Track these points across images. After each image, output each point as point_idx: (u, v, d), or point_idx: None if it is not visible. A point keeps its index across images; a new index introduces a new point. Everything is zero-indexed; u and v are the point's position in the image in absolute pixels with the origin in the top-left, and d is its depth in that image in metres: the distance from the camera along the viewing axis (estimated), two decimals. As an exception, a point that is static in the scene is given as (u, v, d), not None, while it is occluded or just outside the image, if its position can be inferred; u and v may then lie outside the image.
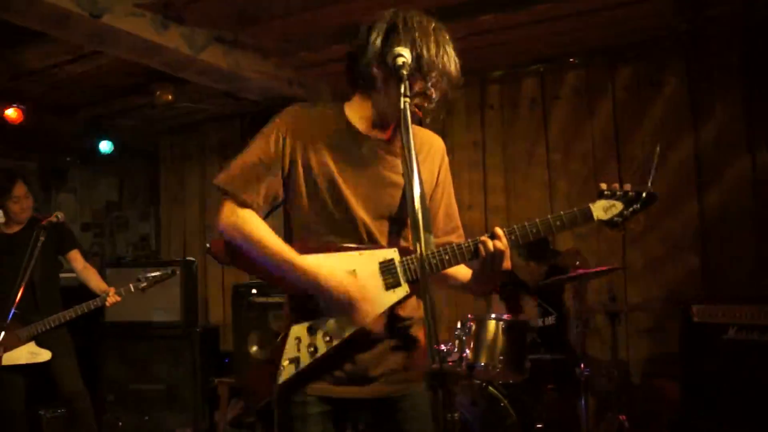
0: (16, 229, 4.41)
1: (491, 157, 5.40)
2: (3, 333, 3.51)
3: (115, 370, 5.47)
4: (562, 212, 1.91)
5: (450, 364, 3.91)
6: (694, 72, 4.65)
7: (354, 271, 1.90)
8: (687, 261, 4.62)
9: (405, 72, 1.76)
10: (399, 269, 1.91)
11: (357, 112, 2.06)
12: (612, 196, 1.94)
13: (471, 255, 1.94)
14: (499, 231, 1.93)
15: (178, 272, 4.41)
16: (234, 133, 6.67)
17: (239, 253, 1.96)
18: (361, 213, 1.96)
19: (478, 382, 3.95)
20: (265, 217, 1.98)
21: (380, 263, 1.92)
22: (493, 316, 3.89)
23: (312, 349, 1.91)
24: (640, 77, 4.84)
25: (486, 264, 1.93)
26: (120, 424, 5.35)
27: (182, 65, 4.70)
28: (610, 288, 4.59)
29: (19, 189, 4.34)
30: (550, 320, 4.27)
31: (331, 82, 5.62)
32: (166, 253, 7.09)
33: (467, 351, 3.81)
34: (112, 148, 6.91)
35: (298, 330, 1.93)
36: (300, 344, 1.92)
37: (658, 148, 2.03)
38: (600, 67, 4.98)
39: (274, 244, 1.90)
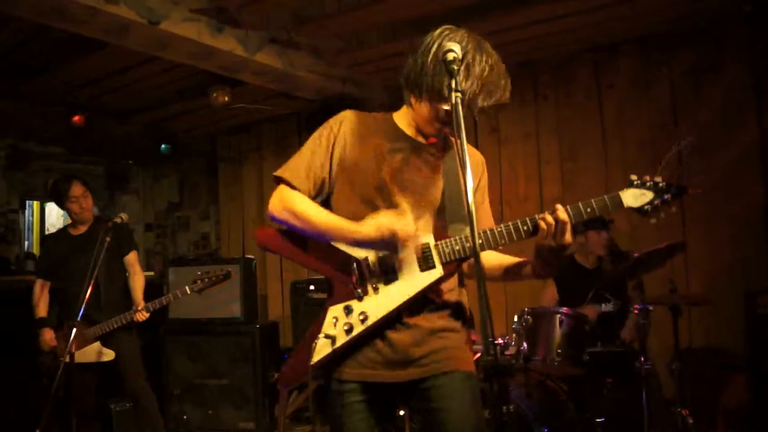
0: (81, 230, 4.53)
1: (546, 147, 5.34)
2: (75, 330, 3.62)
3: (180, 366, 5.61)
4: (592, 199, 1.96)
5: (507, 357, 3.90)
6: (758, 54, 4.50)
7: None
8: (752, 249, 4.48)
9: (455, 67, 1.78)
10: (434, 252, 1.99)
11: (404, 119, 2.23)
12: (642, 185, 2.00)
13: (529, 232, 2.02)
14: (559, 206, 1.99)
15: (232, 274, 4.43)
16: (290, 132, 6.76)
17: (289, 234, 2.11)
18: (403, 207, 2.03)
19: (536, 375, 3.93)
20: None
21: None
22: (550, 309, 3.86)
23: (347, 327, 1.98)
24: (699, 62, 4.72)
25: (548, 240, 1.99)
26: (185, 417, 5.49)
27: (238, 67, 4.79)
28: (671, 278, 4.49)
29: (76, 189, 4.44)
30: (609, 307, 4.18)
31: (384, 79, 5.65)
32: (226, 252, 7.24)
33: (524, 344, 3.79)
34: (171, 150, 7.10)
35: (335, 310, 2.02)
36: (336, 323, 2.00)
37: (680, 144, 2.21)
38: (656, 53, 4.88)
39: (322, 213, 2.05)
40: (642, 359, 3.74)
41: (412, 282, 1.98)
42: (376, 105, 6.00)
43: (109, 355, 4.29)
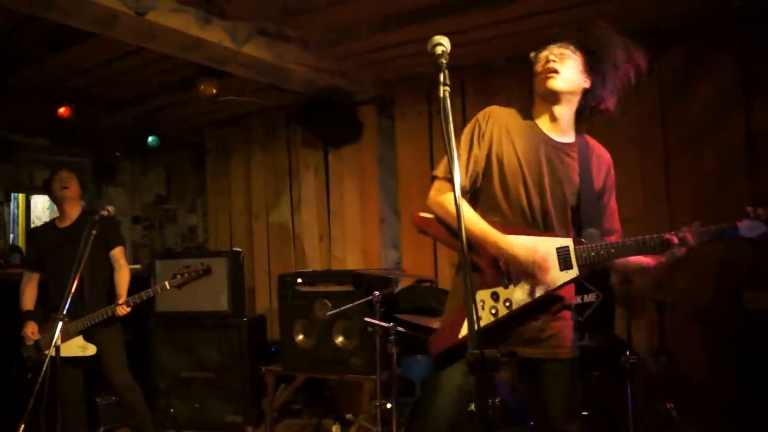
0: (68, 222, 4.52)
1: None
2: (60, 324, 3.60)
3: (167, 359, 5.59)
4: (712, 226, 2.29)
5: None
6: (749, 51, 4.52)
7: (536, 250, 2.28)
8: (737, 245, 4.50)
9: (444, 60, 1.78)
10: (573, 255, 2.31)
11: (542, 116, 2.52)
12: (757, 218, 2.24)
13: (656, 248, 2.36)
14: (687, 233, 2.33)
15: (216, 267, 4.47)
16: (278, 125, 6.74)
17: (442, 224, 2.42)
18: (542, 203, 2.37)
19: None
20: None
21: (557, 248, 2.32)
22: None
23: (494, 311, 2.31)
24: (690, 58, 4.74)
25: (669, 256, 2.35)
26: (172, 411, 5.47)
27: (225, 59, 4.77)
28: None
29: (63, 173, 4.49)
30: (590, 297, 4.19)
31: (374, 72, 5.64)
32: (213, 244, 7.22)
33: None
34: (159, 143, 7.07)
35: (483, 294, 2.34)
36: (483, 306, 2.33)
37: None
38: (645, 49, 4.87)
39: (473, 218, 2.32)
40: (627, 353, 3.76)
41: (554, 277, 2.30)
42: (365, 97, 6.00)
43: (91, 349, 4.28)
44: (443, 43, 1.87)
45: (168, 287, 4.24)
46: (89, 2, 3.71)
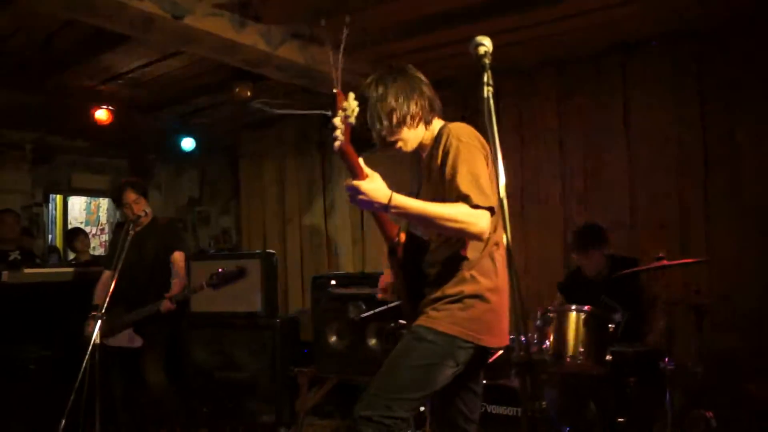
0: (138, 228, 4.64)
1: (569, 145, 5.29)
2: (99, 322, 3.70)
3: (201, 359, 5.64)
4: None
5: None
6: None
7: None
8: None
9: (487, 61, 1.80)
10: None
11: None
12: None
13: None
14: None
15: (250, 270, 4.60)
16: (311, 128, 6.77)
17: None
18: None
19: (558, 373, 3.91)
20: None
21: None
22: (573, 307, 3.83)
23: None
24: (728, 58, 4.65)
25: None
26: (205, 410, 5.52)
27: (260, 62, 4.80)
28: (695, 280, 4.44)
29: (128, 196, 4.62)
30: (617, 318, 4.12)
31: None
32: (247, 247, 7.27)
33: (547, 342, 3.77)
34: (193, 146, 7.15)
35: None
36: None
37: None
38: (685, 49, 4.80)
39: None
40: (666, 360, 3.70)
41: None
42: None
43: (138, 341, 4.46)
44: (485, 44, 1.86)
45: (204, 287, 4.41)
46: (128, 6, 3.77)
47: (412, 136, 2.49)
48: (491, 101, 1.75)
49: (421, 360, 2.28)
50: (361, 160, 2.19)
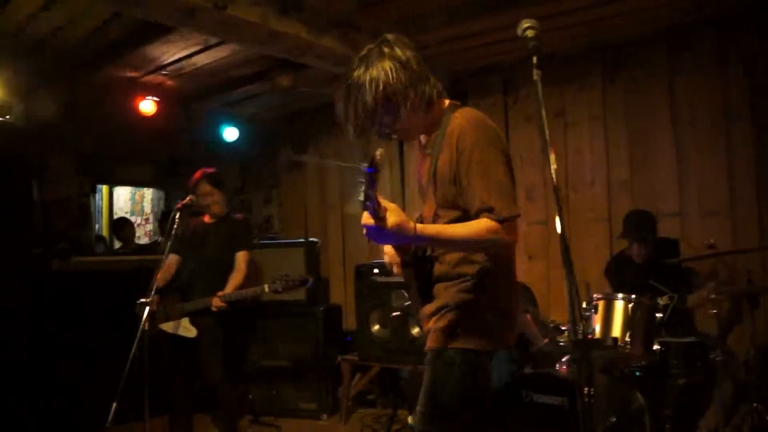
0: (212, 220, 4.74)
1: (614, 131, 5.20)
2: (147, 307, 3.76)
3: (245, 346, 5.71)
4: None
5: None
6: None
7: None
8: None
9: (537, 44, 1.77)
10: None
11: None
12: None
13: None
14: None
15: (311, 283, 4.54)
16: (351, 116, 6.76)
17: None
18: None
19: (604, 362, 3.86)
20: None
21: None
22: (620, 295, 3.77)
23: None
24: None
25: None
26: (250, 397, 5.60)
27: (302, 51, 4.80)
28: (747, 269, 4.33)
29: (203, 188, 4.64)
30: (664, 300, 4.05)
31: (446, 63, 5.58)
32: (289, 234, 7.31)
33: (594, 330, 3.72)
34: (234, 135, 7.21)
35: None
36: None
37: None
38: (732, 33, 4.67)
39: None
40: (717, 351, 3.62)
41: None
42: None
43: (192, 332, 4.45)
44: (534, 26, 1.81)
45: (267, 291, 4.37)
46: (172, -3, 3.81)
47: (413, 124, 2.27)
48: (540, 85, 1.70)
49: (457, 386, 2.22)
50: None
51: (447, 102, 2.33)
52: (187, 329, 4.43)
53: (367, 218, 1.90)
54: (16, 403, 4.37)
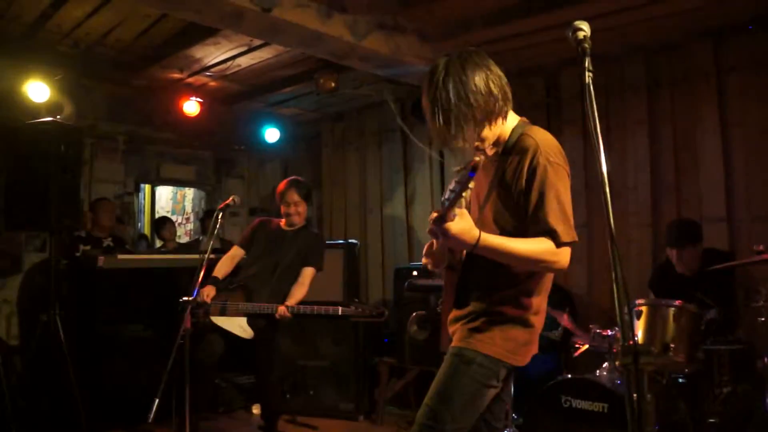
0: (290, 229, 4.69)
1: (659, 134, 5.11)
2: (190, 306, 3.79)
3: (285, 346, 5.74)
4: None
5: (615, 351, 3.80)
6: None
7: None
8: None
9: (587, 45, 1.74)
10: None
11: None
12: None
13: None
14: None
15: (385, 315, 4.48)
16: (393, 118, 6.78)
17: None
18: None
19: (647, 369, 3.80)
20: None
21: None
22: (664, 301, 3.72)
23: None
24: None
25: None
26: (288, 396, 5.64)
27: (345, 53, 4.84)
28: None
29: (292, 196, 4.61)
30: (711, 314, 3.96)
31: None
32: (328, 236, 7.35)
33: (636, 336, 3.67)
34: (277, 136, 7.28)
35: None
36: None
37: None
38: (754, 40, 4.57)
39: None
40: (765, 359, 3.54)
41: None
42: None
43: (248, 333, 4.39)
44: (584, 28, 1.79)
45: (340, 313, 4.37)
46: (219, 0, 3.86)
47: (494, 133, 2.23)
48: (591, 87, 1.68)
49: (471, 386, 2.23)
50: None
51: (517, 118, 2.34)
52: (243, 330, 4.38)
53: (436, 217, 1.95)
54: (61, 398, 4.45)
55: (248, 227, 4.93)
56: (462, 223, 1.96)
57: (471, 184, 1.83)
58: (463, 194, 1.84)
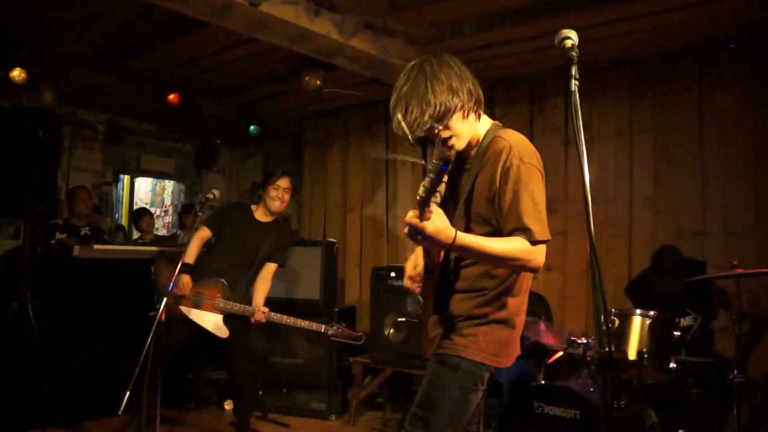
0: (263, 219, 4.63)
1: (639, 146, 5.17)
2: (165, 299, 3.75)
3: (259, 343, 5.72)
4: None
5: (588, 358, 3.83)
6: None
7: None
8: None
9: (574, 54, 1.75)
10: None
11: None
12: None
13: None
14: None
15: (362, 340, 4.51)
16: (377, 119, 6.78)
17: None
18: None
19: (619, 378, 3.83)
20: None
21: None
22: (638, 311, 3.75)
23: None
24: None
25: None
26: (260, 393, 5.61)
27: (332, 51, 4.83)
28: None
29: (284, 182, 4.56)
30: (688, 321, 4.03)
31: (477, 70, 5.56)
32: (307, 234, 7.33)
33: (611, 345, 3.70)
34: (259, 132, 7.24)
35: None
36: None
37: None
38: (764, 53, 4.64)
39: None
40: (735, 372, 3.59)
41: None
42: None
43: (224, 332, 4.35)
44: (572, 37, 1.82)
45: (322, 331, 4.40)
46: (208, -8, 3.84)
47: (465, 130, 2.27)
48: (577, 95, 1.70)
49: (458, 392, 2.24)
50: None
51: (490, 121, 2.38)
52: (218, 328, 4.33)
53: (411, 217, 1.92)
54: (31, 388, 4.40)
55: (219, 209, 4.87)
56: (437, 222, 1.94)
57: (444, 178, 1.82)
58: (437, 189, 1.84)
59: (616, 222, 5.21)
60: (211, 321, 4.34)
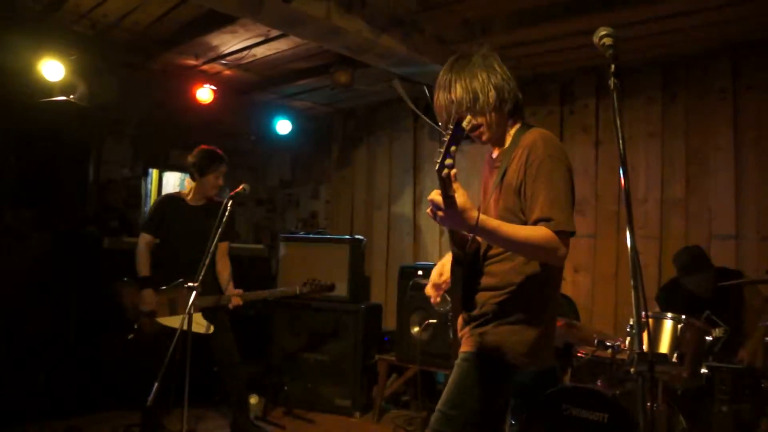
0: (200, 203, 4.70)
1: (670, 148, 5.10)
2: (194, 294, 3.73)
3: (285, 339, 5.75)
4: None
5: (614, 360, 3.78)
6: None
7: None
8: None
9: (614, 52, 1.76)
10: None
11: None
12: None
13: None
14: None
15: (336, 288, 4.73)
16: (404, 117, 6.76)
17: None
18: None
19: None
20: None
21: None
22: (670, 315, 3.70)
23: None
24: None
25: None
26: (285, 388, 5.63)
27: (362, 48, 4.82)
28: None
29: (224, 169, 4.71)
30: (718, 333, 3.95)
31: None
32: (334, 231, 7.34)
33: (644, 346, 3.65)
34: (287, 128, 7.26)
35: None
36: None
37: None
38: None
39: None
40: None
41: None
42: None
43: (210, 328, 4.40)
44: (611, 34, 1.81)
45: (297, 293, 4.50)
46: (240, -12, 3.85)
47: (495, 123, 2.34)
48: (615, 94, 1.68)
49: (484, 391, 2.23)
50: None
51: (520, 122, 2.43)
52: (200, 325, 4.29)
53: (435, 195, 1.92)
54: (60, 378, 4.45)
55: (153, 208, 4.83)
56: (462, 198, 1.93)
57: (457, 145, 1.83)
58: (451, 152, 1.82)
59: (647, 224, 5.14)
60: (195, 323, 4.30)
